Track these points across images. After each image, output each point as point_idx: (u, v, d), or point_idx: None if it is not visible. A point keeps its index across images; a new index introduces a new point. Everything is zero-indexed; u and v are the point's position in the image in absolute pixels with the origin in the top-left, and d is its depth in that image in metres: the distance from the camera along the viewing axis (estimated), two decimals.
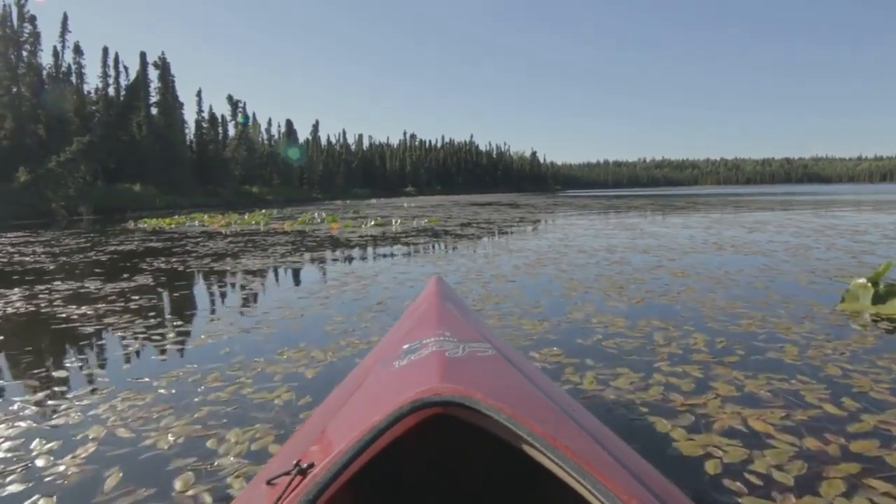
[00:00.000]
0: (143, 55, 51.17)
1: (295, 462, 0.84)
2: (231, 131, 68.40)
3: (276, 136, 77.93)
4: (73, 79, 47.03)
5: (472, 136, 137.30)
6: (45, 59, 46.35)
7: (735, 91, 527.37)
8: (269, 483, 0.86)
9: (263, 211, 27.66)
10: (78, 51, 48.65)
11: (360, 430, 0.84)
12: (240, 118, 60.17)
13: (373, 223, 14.18)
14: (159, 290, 5.30)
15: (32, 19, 44.26)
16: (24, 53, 40.34)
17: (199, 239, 11.39)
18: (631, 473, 0.86)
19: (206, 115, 62.29)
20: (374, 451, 0.81)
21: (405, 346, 1.26)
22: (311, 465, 0.82)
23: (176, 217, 22.08)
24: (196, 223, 18.07)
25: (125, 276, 6.17)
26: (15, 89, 38.44)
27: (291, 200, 59.07)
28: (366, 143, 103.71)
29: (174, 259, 7.69)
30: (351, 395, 1.17)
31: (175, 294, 5.17)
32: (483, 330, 1.57)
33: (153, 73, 52.53)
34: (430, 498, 1.23)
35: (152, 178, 47.10)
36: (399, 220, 14.86)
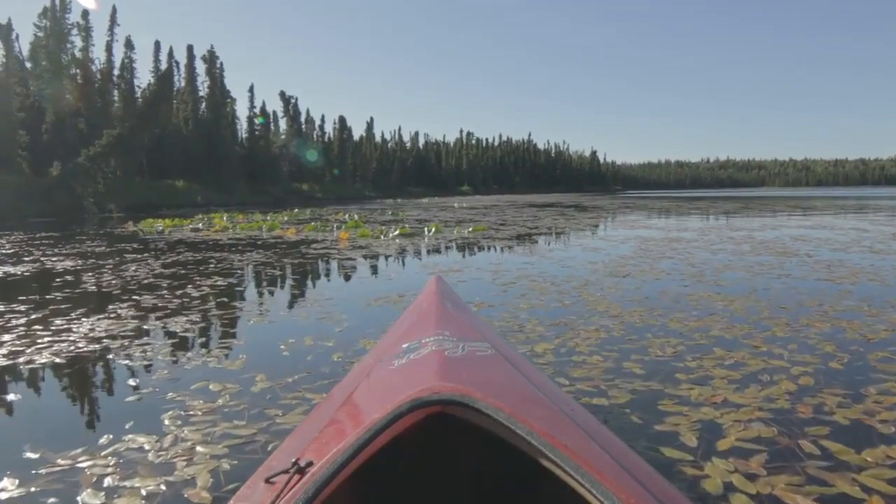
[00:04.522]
0: (189, 48, 49.74)
1: (294, 460, 0.81)
2: (283, 127, 66.72)
3: (330, 133, 76.00)
4: (122, 73, 45.91)
5: (529, 135, 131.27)
6: (98, 53, 45.56)
7: (804, 89, 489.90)
8: (267, 481, 0.83)
9: (295, 210, 24.65)
10: (129, 45, 47.57)
11: (359, 428, 0.82)
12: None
13: (398, 232, 10.53)
14: None
15: (85, 14, 43.37)
16: (68, 46, 39.14)
17: (147, 254, 8.07)
18: (630, 473, 0.83)
19: (257, 110, 60.69)
20: (373, 450, 0.80)
21: (405, 345, 1.24)
22: (310, 464, 0.80)
23: (191, 217, 19.25)
24: (200, 225, 15.03)
25: None
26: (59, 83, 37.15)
27: (342, 199, 56.50)
28: (421, 141, 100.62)
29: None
30: (350, 393, 1.14)
31: None
32: (482, 329, 1.51)
33: (201, 67, 51.03)
34: (429, 497, 1.17)
35: (198, 174, 45.37)
36: (434, 229, 11.16)
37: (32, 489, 1.60)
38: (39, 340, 3.26)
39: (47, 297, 4.76)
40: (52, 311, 4.10)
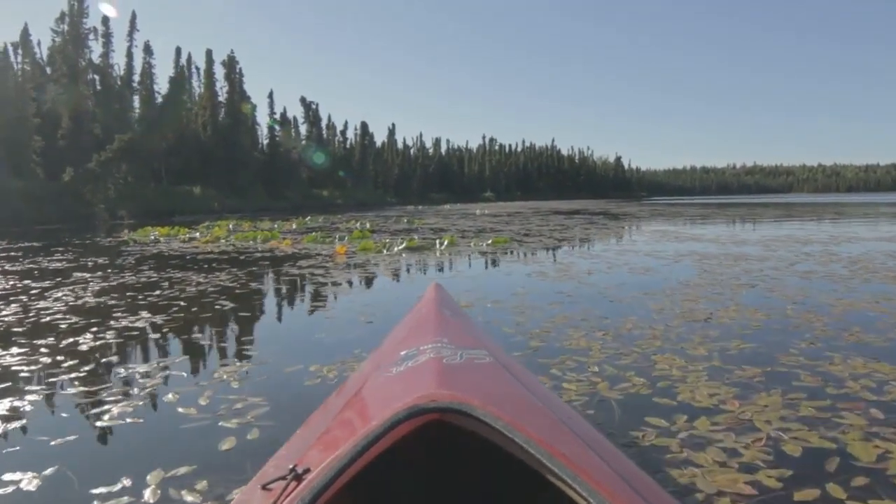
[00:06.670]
0: (208, 53, 49.17)
1: (291, 467, 0.80)
2: (303, 132, 65.94)
3: (352, 139, 75.21)
4: (141, 78, 45.47)
5: (553, 140, 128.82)
6: (118, 59, 45.14)
7: (831, 94, 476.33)
8: (264, 488, 0.82)
9: (308, 218, 23.40)
10: (148, 50, 47.16)
11: (356, 435, 0.81)
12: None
13: (404, 245, 9.05)
14: None
15: (105, 20, 43.07)
16: (86, 50, 38.66)
17: (99, 273, 6.73)
18: (627, 482, 0.82)
19: (277, 116, 60.01)
20: (370, 457, 0.79)
21: (403, 353, 1.23)
22: (307, 470, 0.78)
23: (197, 225, 18.08)
24: (198, 234, 13.82)
25: None
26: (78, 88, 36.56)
27: (362, 205, 55.43)
28: (444, 147, 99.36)
29: None
30: (348, 400, 1.12)
31: None
32: (481, 337, 1.51)
33: (220, 73, 50.34)
34: None
35: (216, 180, 44.60)
36: (448, 241, 9.64)
37: None
38: None
39: None
40: None
